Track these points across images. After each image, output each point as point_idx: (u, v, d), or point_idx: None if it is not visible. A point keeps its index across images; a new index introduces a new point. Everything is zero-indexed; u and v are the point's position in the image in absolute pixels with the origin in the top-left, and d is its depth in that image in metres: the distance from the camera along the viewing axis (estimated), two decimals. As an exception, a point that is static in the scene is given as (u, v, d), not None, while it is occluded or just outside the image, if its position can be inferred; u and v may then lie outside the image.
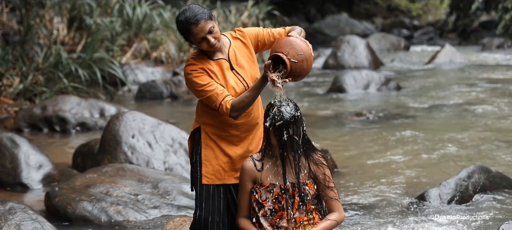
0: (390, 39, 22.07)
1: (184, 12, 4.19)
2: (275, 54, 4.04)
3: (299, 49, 4.04)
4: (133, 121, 7.53)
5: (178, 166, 7.30)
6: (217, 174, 4.31)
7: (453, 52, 17.85)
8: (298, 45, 4.06)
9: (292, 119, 3.99)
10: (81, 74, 12.03)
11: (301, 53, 4.04)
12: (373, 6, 33.76)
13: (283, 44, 4.07)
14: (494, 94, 12.75)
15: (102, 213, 6.11)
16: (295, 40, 4.08)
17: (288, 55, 4.02)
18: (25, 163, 7.31)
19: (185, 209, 6.25)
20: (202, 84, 4.18)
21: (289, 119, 3.98)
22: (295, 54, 4.03)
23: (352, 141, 9.27)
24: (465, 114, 10.85)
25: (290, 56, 4.02)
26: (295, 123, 4.01)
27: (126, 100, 12.85)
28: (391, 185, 7.13)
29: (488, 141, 8.92)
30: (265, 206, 4.10)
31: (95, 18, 14.65)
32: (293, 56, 4.02)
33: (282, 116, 3.98)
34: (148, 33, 16.15)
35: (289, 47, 4.04)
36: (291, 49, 4.03)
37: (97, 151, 7.55)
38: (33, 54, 12.23)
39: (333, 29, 25.77)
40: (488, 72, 15.87)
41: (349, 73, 13.76)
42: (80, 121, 10.21)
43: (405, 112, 11.18)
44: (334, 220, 4.13)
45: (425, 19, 33.91)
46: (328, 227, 4.11)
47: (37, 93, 11.53)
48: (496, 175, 6.83)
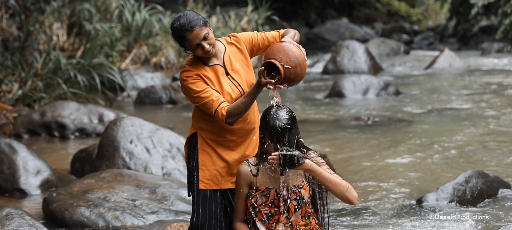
0: (389, 44, 22.08)
1: (178, 18, 4.21)
2: (268, 61, 4.05)
3: (292, 55, 4.05)
4: (131, 126, 7.53)
5: (176, 172, 7.30)
6: (214, 179, 4.32)
7: (452, 57, 17.85)
8: (290, 50, 4.07)
9: (287, 124, 4.00)
10: (80, 79, 12.04)
11: (294, 59, 4.05)
12: (373, 11, 33.80)
13: (276, 50, 4.08)
14: (493, 99, 12.75)
15: (99, 219, 6.10)
16: (288, 46, 4.08)
17: (281, 62, 4.03)
18: (23, 168, 7.31)
19: (183, 214, 6.25)
20: (197, 91, 4.19)
21: (284, 125, 3.99)
22: (288, 60, 4.04)
23: (351, 145, 9.27)
24: (464, 119, 10.84)
25: (283, 62, 4.03)
26: (290, 129, 4.02)
27: (125, 106, 12.85)
28: (389, 189, 7.13)
29: (486, 145, 8.92)
30: (261, 211, 4.11)
31: (94, 23, 14.67)
32: (286, 62, 4.03)
33: (277, 122, 3.99)
34: (148, 38, 16.17)
35: (282, 53, 4.05)
36: (284, 55, 4.04)
37: (95, 156, 7.55)
38: (32, 60, 12.24)
39: (333, 34, 25.79)
40: (487, 77, 15.87)
41: (348, 78, 13.76)
42: (79, 127, 10.21)
43: (404, 117, 11.18)
44: (345, 183, 4.08)
45: (425, 24, 33.95)
46: (333, 179, 4.06)
47: (36, 99, 11.54)
48: (493, 180, 6.82)
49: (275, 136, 3.97)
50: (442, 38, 26.77)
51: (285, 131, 3.98)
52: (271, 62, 4.04)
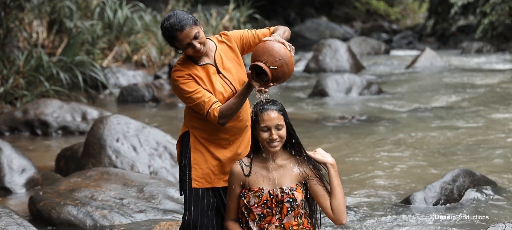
0: (370, 43, 22.17)
1: (169, 18, 4.18)
2: (254, 64, 4.02)
3: (277, 55, 4.01)
4: (118, 124, 7.48)
5: (163, 170, 7.26)
6: (207, 177, 4.30)
7: (434, 56, 17.96)
8: (275, 50, 4.03)
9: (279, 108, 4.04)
10: (62, 77, 11.94)
11: (280, 59, 4.02)
12: (352, 10, 33.93)
13: (260, 51, 4.04)
14: (475, 97, 12.84)
15: (87, 218, 6.05)
16: (272, 46, 4.05)
17: (267, 63, 4.00)
18: (8, 167, 7.23)
19: (171, 213, 6.21)
20: (189, 91, 4.17)
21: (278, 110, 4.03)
22: (274, 61, 4.01)
23: (335, 144, 9.27)
24: (447, 117, 10.90)
25: (269, 63, 4.00)
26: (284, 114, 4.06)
27: (108, 104, 12.77)
28: (376, 188, 7.14)
29: (470, 144, 8.97)
30: (253, 211, 4.09)
31: (75, 21, 14.55)
32: (272, 63, 4.00)
33: (269, 105, 4.04)
34: (129, 36, 16.07)
35: (267, 54, 4.02)
36: (269, 56, 4.01)
37: (81, 155, 7.48)
38: (14, 57, 12.12)
39: (313, 33, 25.85)
40: (469, 76, 15.98)
41: (331, 77, 13.77)
42: (62, 125, 10.13)
43: (388, 115, 11.21)
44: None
45: (404, 23, 34.14)
46: (341, 192, 4.12)
47: (18, 96, 11.43)
48: (480, 178, 6.87)
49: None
50: (421, 37, 26.95)
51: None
52: (257, 65, 4.02)
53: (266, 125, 4.01)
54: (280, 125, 4.03)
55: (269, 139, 4.02)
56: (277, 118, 4.02)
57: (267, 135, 4.02)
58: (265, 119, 4.01)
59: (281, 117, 4.04)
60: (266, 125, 4.01)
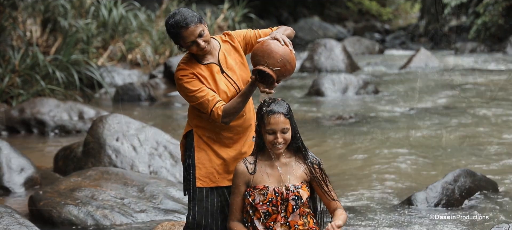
0: (364, 42, 22.19)
1: (174, 15, 4.17)
2: (257, 69, 4.00)
3: (277, 56, 4.00)
4: (117, 124, 7.44)
5: (163, 170, 7.23)
6: (211, 176, 4.28)
7: (428, 56, 17.97)
8: (274, 51, 4.01)
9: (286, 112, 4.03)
10: (58, 76, 11.88)
11: (281, 59, 4.00)
12: (344, 10, 33.95)
13: (260, 55, 4.02)
14: (471, 97, 12.85)
15: (88, 217, 6.02)
16: (270, 47, 4.04)
17: (269, 66, 3.98)
18: (7, 166, 7.19)
19: (172, 213, 6.18)
20: (193, 90, 4.16)
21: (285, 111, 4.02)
22: (275, 62, 3.99)
23: (334, 145, 9.26)
24: (446, 117, 10.90)
25: (271, 65, 3.98)
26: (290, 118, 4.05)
27: (104, 103, 12.72)
28: (377, 189, 7.13)
29: (469, 144, 8.98)
30: (259, 209, 4.07)
31: (69, 19, 14.48)
32: (273, 64, 3.99)
33: (276, 106, 4.02)
34: (124, 35, 16.02)
35: (267, 56, 4.00)
36: (269, 58, 3.99)
37: (80, 154, 7.44)
38: (9, 56, 12.05)
39: (306, 33, 25.84)
40: (464, 75, 16.00)
41: (328, 77, 13.76)
42: (59, 124, 10.08)
43: (385, 115, 11.21)
44: (346, 215, 4.14)
45: (396, 23, 34.21)
46: (346, 218, 4.11)
47: (14, 95, 11.37)
48: (481, 179, 6.87)
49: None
50: (413, 38, 26.99)
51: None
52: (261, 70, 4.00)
53: (272, 128, 4.00)
54: (285, 129, 4.03)
55: (274, 141, 4.02)
56: (283, 122, 4.02)
57: (272, 138, 4.02)
58: (272, 122, 4.00)
59: (287, 121, 4.04)
60: (272, 128, 4.00)
